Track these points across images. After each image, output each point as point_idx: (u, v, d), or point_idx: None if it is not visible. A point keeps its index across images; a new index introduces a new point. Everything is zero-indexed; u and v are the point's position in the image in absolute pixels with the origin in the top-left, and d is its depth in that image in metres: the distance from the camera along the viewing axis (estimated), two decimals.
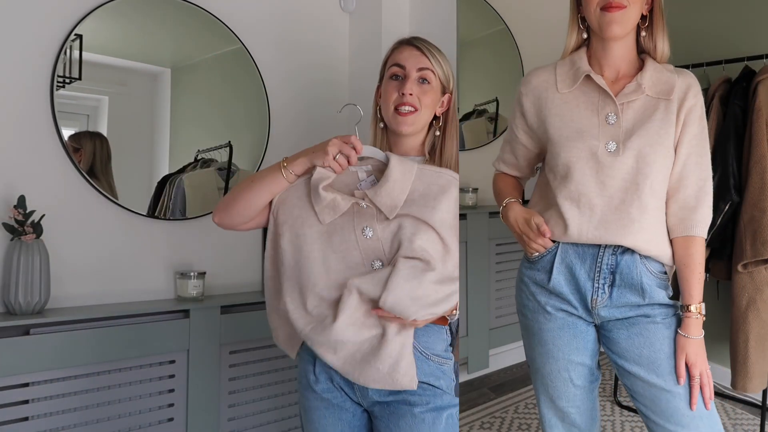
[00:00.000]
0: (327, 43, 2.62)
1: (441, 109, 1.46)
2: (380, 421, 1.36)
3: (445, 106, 1.47)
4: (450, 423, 1.35)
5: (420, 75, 1.41)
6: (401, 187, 1.32)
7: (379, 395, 1.34)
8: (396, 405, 1.34)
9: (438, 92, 1.44)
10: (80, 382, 1.76)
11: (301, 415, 1.44)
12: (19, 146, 1.81)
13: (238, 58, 2.31)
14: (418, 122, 1.42)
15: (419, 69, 1.41)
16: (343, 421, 1.39)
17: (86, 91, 1.95)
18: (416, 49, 1.43)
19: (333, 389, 1.38)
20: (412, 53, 1.42)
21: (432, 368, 1.35)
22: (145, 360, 1.88)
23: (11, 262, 1.71)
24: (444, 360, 1.38)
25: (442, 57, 1.45)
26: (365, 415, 1.41)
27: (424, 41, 1.45)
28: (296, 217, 1.33)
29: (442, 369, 1.37)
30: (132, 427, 1.86)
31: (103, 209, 1.97)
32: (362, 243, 1.30)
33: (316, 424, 1.40)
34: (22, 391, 1.66)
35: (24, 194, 1.75)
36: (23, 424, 1.67)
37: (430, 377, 1.34)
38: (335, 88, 2.65)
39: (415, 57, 1.42)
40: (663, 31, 1.46)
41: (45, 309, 1.80)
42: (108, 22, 1.99)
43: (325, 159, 1.33)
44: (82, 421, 1.76)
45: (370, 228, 1.30)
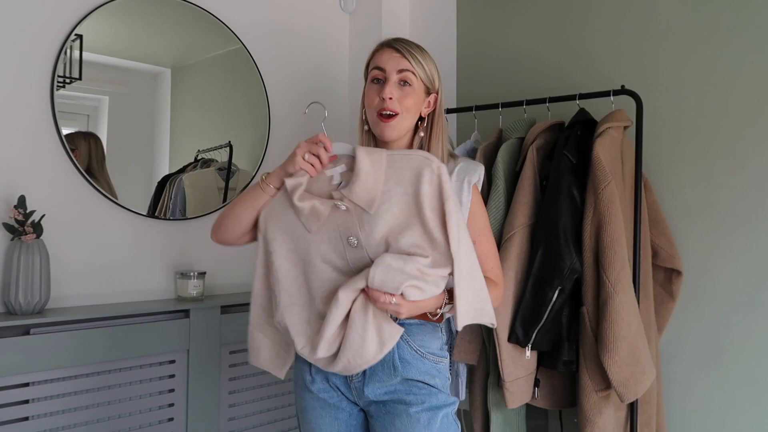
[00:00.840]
0: (327, 43, 2.62)
1: (427, 110, 1.45)
2: (376, 421, 1.37)
3: (431, 106, 1.45)
4: (445, 422, 1.35)
5: (400, 77, 1.39)
6: (375, 179, 1.27)
7: (374, 394, 1.34)
8: (392, 404, 1.34)
9: (421, 93, 1.42)
10: (80, 382, 1.76)
11: (298, 415, 1.45)
12: (19, 146, 1.82)
13: (238, 57, 2.31)
14: (400, 126, 1.40)
15: (399, 71, 1.39)
16: (339, 420, 1.39)
17: (86, 91, 1.96)
18: (396, 51, 1.41)
19: (329, 389, 1.38)
20: (392, 55, 1.41)
21: (427, 366, 1.35)
22: (145, 360, 1.89)
23: (11, 262, 1.72)
24: (439, 358, 1.38)
25: (424, 57, 1.42)
26: (362, 415, 1.41)
27: (404, 42, 1.43)
28: (284, 231, 1.32)
29: (437, 367, 1.38)
30: (132, 427, 1.87)
31: (103, 209, 1.97)
32: (349, 252, 1.28)
33: (312, 424, 1.40)
34: (22, 391, 1.66)
35: (24, 194, 1.76)
36: (23, 424, 1.67)
37: (425, 375, 1.35)
38: (335, 88, 2.65)
39: (394, 59, 1.40)
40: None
41: (45, 309, 1.80)
42: (108, 22, 1.99)
43: (295, 162, 1.31)
44: (82, 421, 1.76)
45: (354, 237, 1.27)
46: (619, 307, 1.66)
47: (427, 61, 1.43)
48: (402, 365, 1.33)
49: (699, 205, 1.97)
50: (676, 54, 2.03)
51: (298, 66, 2.51)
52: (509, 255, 1.79)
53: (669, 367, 2.01)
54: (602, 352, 1.67)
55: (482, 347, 1.93)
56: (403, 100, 1.39)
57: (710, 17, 1.96)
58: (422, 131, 1.45)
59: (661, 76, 2.05)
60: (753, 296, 1.87)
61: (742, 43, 1.91)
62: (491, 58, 2.48)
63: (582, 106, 1.92)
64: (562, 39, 2.29)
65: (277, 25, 2.45)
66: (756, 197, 1.87)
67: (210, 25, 2.23)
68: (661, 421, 1.92)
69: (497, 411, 1.88)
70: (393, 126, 1.39)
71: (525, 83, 2.36)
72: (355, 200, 1.27)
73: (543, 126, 1.91)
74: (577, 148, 1.82)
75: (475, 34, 2.55)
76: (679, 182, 2.00)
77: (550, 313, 1.74)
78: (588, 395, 1.73)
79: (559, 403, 1.92)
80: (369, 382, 1.34)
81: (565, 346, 1.79)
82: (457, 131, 2.57)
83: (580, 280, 1.77)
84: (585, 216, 1.75)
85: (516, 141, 1.96)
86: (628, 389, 1.66)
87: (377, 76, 1.42)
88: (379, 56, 1.43)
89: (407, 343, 1.35)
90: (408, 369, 1.34)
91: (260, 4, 2.39)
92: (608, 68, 2.16)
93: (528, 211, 1.82)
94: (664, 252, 1.96)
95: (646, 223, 1.92)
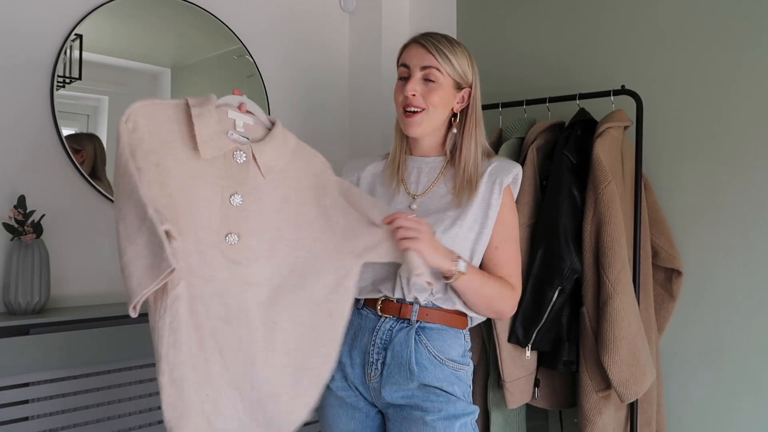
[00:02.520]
0: (327, 42, 2.62)
1: (459, 106, 1.40)
2: (393, 425, 1.34)
3: (465, 102, 1.40)
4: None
5: (423, 74, 1.36)
6: (282, 151, 1.23)
7: (392, 397, 1.32)
8: (409, 410, 1.31)
9: (449, 89, 1.37)
10: (80, 382, 1.76)
11: (317, 411, 1.43)
12: (19, 146, 1.81)
13: (238, 57, 2.31)
14: (427, 122, 1.37)
15: (422, 68, 1.36)
16: (355, 420, 1.38)
17: (86, 91, 1.95)
18: (422, 47, 1.36)
19: (347, 388, 1.36)
20: (417, 51, 1.37)
21: (446, 373, 1.32)
22: (145, 360, 1.88)
23: (11, 262, 1.71)
24: (459, 365, 1.35)
25: (453, 51, 1.37)
26: (379, 416, 1.39)
27: (432, 37, 1.38)
28: (156, 154, 1.16)
29: (457, 374, 1.34)
30: (132, 427, 1.86)
31: (103, 209, 1.97)
32: (226, 209, 1.16)
33: (329, 421, 1.39)
34: (22, 391, 1.66)
35: (24, 194, 1.75)
36: (23, 424, 1.66)
37: (443, 382, 1.31)
38: (335, 88, 2.65)
39: (419, 55, 1.36)
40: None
41: (45, 309, 1.80)
42: (108, 22, 1.99)
43: None
44: (82, 421, 1.76)
45: (240, 195, 1.16)
46: (619, 307, 1.66)
47: (458, 55, 1.37)
48: (419, 370, 1.30)
49: (699, 205, 1.97)
50: (676, 54, 2.02)
51: (298, 66, 2.51)
52: None
53: (669, 367, 2.01)
54: (602, 353, 1.67)
55: (482, 347, 1.93)
56: (429, 96, 1.35)
57: (711, 17, 1.96)
58: (455, 128, 1.41)
59: (661, 76, 2.05)
60: (753, 296, 1.87)
61: (742, 43, 1.90)
62: (491, 57, 2.48)
63: (582, 106, 1.92)
64: (562, 39, 2.29)
65: (277, 25, 2.45)
66: (756, 197, 1.87)
67: (210, 25, 2.22)
68: (661, 421, 1.92)
69: (497, 411, 1.88)
70: (417, 122, 1.36)
71: (525, 83, 2.36)
72: (259, 159, 1.19)
73: (543, 126, 1.91)
74: (577, 148, 1.82)
75: (475, 34, 2.55)
76: (679, 182, 2.00)
77: (550, 313, 1.74)
78: (588, 395, 1.73)
79: (559, 404, 1.92)
80: (386, 384, 1.32)
81: (565, 346, 1.78)
82: None
83: (580, 280, 1.76)
84: (585, 216, 1.75)
85: (516, 141, 1.96)
86: (628, 389, 1.66)
87: (402, 74, 1.39)
88: (406, 53, 1.40)
89: (426, 348, 1.32)
90: (425, 374, 1.31)
91: (260, 4, 2.39)
92: (608, 68, 2.15)
93: (528, 210, 1.82)
94: (664, 252, 1.96)
95: (646, 223, 1.92)
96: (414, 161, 1.46)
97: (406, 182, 1.44)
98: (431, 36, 1.39)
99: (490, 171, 1.39)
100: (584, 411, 1.73)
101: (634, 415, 1.82)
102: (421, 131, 1.38)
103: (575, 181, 1.78)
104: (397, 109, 1.41)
